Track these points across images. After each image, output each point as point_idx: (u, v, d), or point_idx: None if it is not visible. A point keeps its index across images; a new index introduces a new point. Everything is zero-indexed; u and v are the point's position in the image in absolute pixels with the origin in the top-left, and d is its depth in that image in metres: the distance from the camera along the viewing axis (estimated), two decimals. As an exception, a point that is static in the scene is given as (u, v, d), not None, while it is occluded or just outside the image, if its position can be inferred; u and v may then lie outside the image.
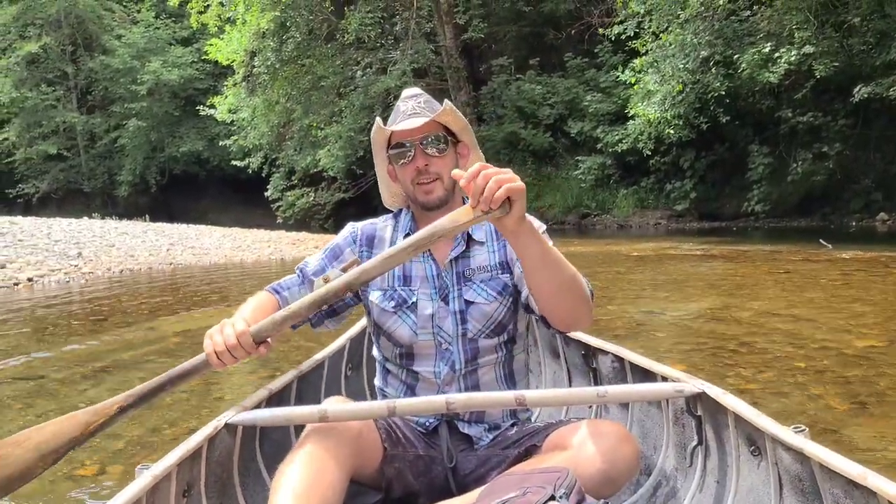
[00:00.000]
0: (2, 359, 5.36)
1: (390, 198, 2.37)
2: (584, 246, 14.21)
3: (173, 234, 17.51)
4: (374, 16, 22.36)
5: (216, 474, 1.98)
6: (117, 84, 35.29)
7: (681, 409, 2.16)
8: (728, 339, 5.20)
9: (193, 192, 35.54)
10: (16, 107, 35.22)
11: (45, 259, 11.59)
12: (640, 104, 16.62)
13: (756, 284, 8.01)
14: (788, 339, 5.12)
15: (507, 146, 23.32)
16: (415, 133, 2.11)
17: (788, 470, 1.68)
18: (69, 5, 35.07)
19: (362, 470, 1.96)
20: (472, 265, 2.18)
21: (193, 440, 1.86)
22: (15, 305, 8.51)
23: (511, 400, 1.92)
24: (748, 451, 1.85)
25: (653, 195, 20.81)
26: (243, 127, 26.06)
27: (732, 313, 6.27)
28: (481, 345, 2.15)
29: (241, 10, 22.03)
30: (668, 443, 2.24)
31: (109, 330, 6.70)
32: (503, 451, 2.08)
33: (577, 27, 22.93)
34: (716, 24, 15.07)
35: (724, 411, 1.94)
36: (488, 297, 2.14)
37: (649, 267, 10.28)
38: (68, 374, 4.86)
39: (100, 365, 5.12)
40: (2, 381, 4.70)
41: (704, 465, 2.06)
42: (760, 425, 1.75)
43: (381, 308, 2.18)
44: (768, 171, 17.80)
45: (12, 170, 37.21)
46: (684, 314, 6.35)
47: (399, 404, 1.90)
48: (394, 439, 2.07)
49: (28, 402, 4.22)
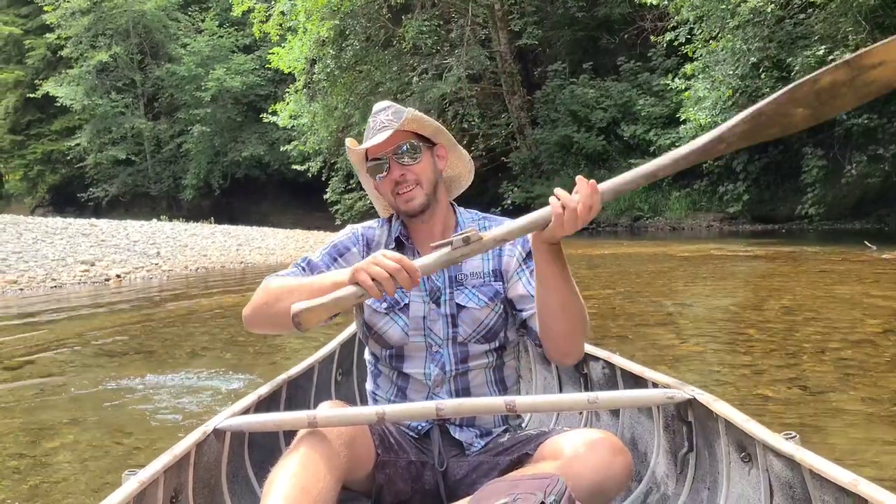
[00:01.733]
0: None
1: (383, 210, 2.37)
2: (634, 247, 14.57)
3: (239, 235, 18.29)
4: (431, 23, 22.70)
5: (204, 480, 1.97)
6: (182, 91, 36.18)
7: (672, 416, 2.16)
8: (744, 327, 5.79)
9: (254, 195, 36.26)
10: (87, 114, 36.58)
11: (128, 258, 12.38)
12: (692, 109, 16.73)
13: (786, 282, 8.36)
14: (797, 326, 5.64)
15: (561, 149, 23.53)
16: (386, 146, 2.11)
17: (779, 476, 1.67)
18: (137, 16, 36.18)
19: (354, 476, 1.95)
20: (464, 270, 2.18)
21: (181, 446, 1.86)
22: (116, 297, 9.39)
23: (501, 405, 1.90)
24: (739, 458, 1.85)
25: (706, 198, 20.75)
26: (303, 132, 26.54)
27: (754, 307, 6.78)
28: (471, 349, 2.16)
29: (301, 20, 22.50)
30: (659, 449, 2.24)
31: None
32: (495, 457, 2.07)
33: (631, 31, 23.08)
34: (765, 30, 15.13)
35: (714, 418, 1.94)
36: (479, 303, 2.16)
37: (692, 266, 10.63)
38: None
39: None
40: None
41: (695, 472, 2.06)
42: (751, 432, 1.76)
43: (372, 308, 2.18)
44: (822, 173, 17.58)
45: (83, 174, 38.69)
46: (711, 307, 6.91)
47: (389, 410, 1.88)
48: (387, 445, 2.07)
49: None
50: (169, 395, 4.35)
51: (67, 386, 4.75)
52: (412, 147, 2.13)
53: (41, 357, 5.74)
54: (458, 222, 2.23)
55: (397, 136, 2.10)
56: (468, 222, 2.24)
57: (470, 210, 2.30)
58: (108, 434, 3.70)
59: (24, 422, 3.98)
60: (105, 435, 3.69)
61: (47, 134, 40.85)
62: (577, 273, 7.66)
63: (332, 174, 27.52)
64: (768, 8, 13.97)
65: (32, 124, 41.62)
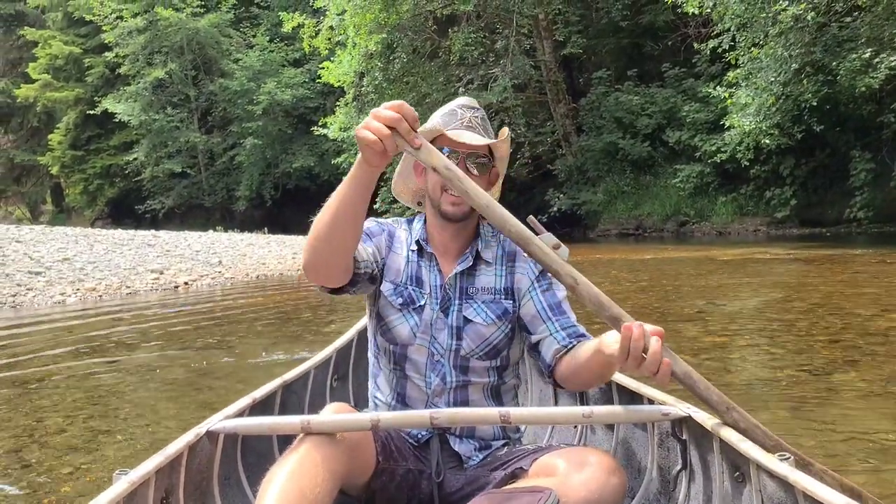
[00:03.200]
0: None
1: (403, 190, 2.34)
2: (678, 252, 14.80)
3: (294, 244, 18.87)
4: (478, 35, 23.01)
5: (195, 482, 1.96)
6: (235, 105, 36.76)
7: (666, 433, 2.15)
8: (766, 321, 6.34)
9: (305, 205, 36.10)
10: (144, 129, 37.40)
11: (192, 266, 13.00)
12: (736, 115, 16.79)
13: (819, 283, 8.71)
14: (817, 319, 6.19)
15: (606, 156, 23.64)
16: (468, 147, 2.10)
17: (772, 497, 1.67)
18: (191, 33, 36.95)
19: (353, 481, 1.95)
20: (476, 284, 2.19)
21: (173, 447, 1.85)
22: (190, 300, 10.16)
23: (496, 416, 1.91)
24: (732, 477, 1.84)
25: (752, 202, 20.63)
26: (353, 144, 26.87)
27: (781, 303, 7.31)
28: (472, 365, 2.16)
29: (350, 34, 22.93)
30: (653, 466, 2.23)
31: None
32: (491, 472, 2.06)
33: (675, 38, 23.16)
34: (807, 36, 15.17)
35: (709, 436, 1.92)
36: (486, 319, 2.15)
37: (731, 269, 10.89)
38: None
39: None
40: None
41: (688, 490, 2.05)
42: (745, 451, 1.74)
43: (388, 301, 2.19)
44: (871, 176, 17.50)
45: (140, 187, 39.64)
46: (740, 305, 7.33)
47: (383, 417, 1.88)
48: (388, 452, 2.06)
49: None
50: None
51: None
52: (486, 163, 2.14)
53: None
54: (479, 234, 2.23)
55: (483, 146, 2.11)
56: (487, 236, 2.24)
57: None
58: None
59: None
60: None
61: (106, 149, 42.01)
62: (617, 276, 8.16)
63: (381, 184, 27.97)
64: (808, 16, 14.04)
65: (92, 140, 42.85)
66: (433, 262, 2.20)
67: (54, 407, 4.47)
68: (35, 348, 6.53)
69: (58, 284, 10.42)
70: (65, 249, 13.52)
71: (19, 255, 12.21)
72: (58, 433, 3.86)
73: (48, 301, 9.71)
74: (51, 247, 13.72)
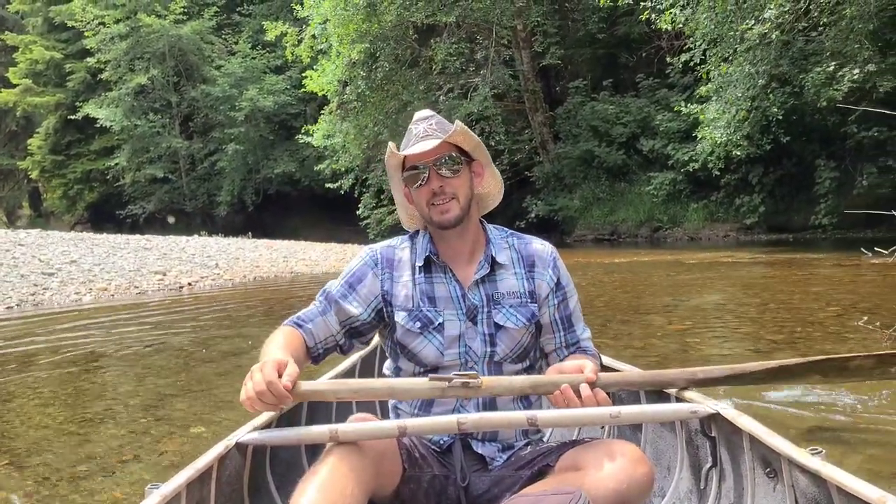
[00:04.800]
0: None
1: (408, 220, 2.34)
2: (651, 256, 15.58)
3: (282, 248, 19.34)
4: (459, 46, 23.41)
5: (226, 494, 1.96)
6: (216, 111, 36.89)
7: (695, 431, 2.13)
8: (717, 314, 7.24)
9: (285, 211, 36.83)
10: (126, 134, 37.40)
11: (192, 268, 13.48)
12: (707, 128, 17.34)
13: (774, 283, 9.65)
14: (767, 312, 7.13)
15: (582, 164, 24.18)
16: (428, 155, 2.09)
17: (805, 493, 1.65)
18: (174, 40, 37.04)
19: (380, 490, 1.92)
20: (500, 289, 2.18)
21: (203, 460, 1.87)
22: (200, 298, 10.94)
23: (523, 420, 1.90)
24: (763, 474, 1.83)
25: (723, 209, 21.28)
26: (336, 150, 27.11)
27: (737, 298, 8.37)
28: (505, 369, 2.16)
29: (334, 43, 23.17)
30: (682, 464, 2.21)
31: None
32: (517, 471, 2.05)
33: (648, 50, 23.76)
34: (772, 53, 15.81)
35: (738, 433, 1.92)
36: (518, 323, 2.16)
37: (698, 271, 11.70)
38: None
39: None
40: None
41: (719, 488, 2.03)
42: (776, 447, 1.74)
43: (405, 329, 2.15)
44: (835, 184, 18.19)
45: (121, 192, 39.62)
46: (701, 301, 8.31)
47: (410, 424, 1.87)
48: (413, 459, 2.04)
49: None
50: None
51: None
52: (453, 160, 2.13)
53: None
54: (490, 239, 2.24)
55: (441, 146, 2.10)
56: (497, 239, 2.26)
57: (498, 227, 2.32)
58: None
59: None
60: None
61: (86, 154, 41.93)
62: (595, 277, 9.01)
63: (364, 190, 28.28)
64: (773, 34, 14.70)
65: (72, 144, 42.70)
66: (448, 273, 2.19)
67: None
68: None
69: (70, 284, 10.90)
70: (68, 252, 13.96)
71: (27, 258, 12.67)
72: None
73: (65, 300, 10.30)
74: (54, 250, 14.17)
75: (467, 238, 2.20)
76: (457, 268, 2.19)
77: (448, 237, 2.18)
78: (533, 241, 2.29)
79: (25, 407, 4.61)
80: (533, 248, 2.27)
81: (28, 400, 4.83)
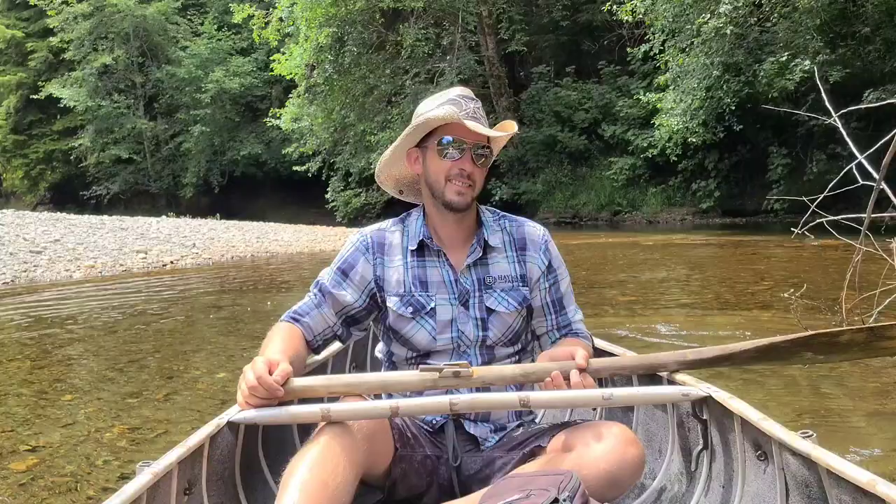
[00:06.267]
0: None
1: (388, 177, 2.30)
2: (611, 238, 16.32)
3: (253, 229, 19.63)
4: (427, 32, 23.68)
5: (218, 472, 1.97)
6: (182, 92, 36.81)
7: (686, 413, 2.14)
8: (664, 288, 8.09)
9: (251, 193, 36.84)
10: (90, 115, 37.17)
11: (171, 248, 13.81)
12: (664, 116, 17.97)
13: (719, 261, 10.59)
14: (708, 285, 8.07)
15: (546, 148, 24.65)
16: (476, 137, 2.08)
17: (795, 475, 1.66)
18: (139, 20, 36.84)
19: (371, 470, 1.93)
20: (492, 273, 2.18)
21: (195, 438, 1.86)
22: (188, 274, 11.52)
23: (515, 401, 1.90)
24: (754, 456, 1.84)
25: (680, 193, 21.95)
26: (303, 133, 27.30)
27: (684, 275, 9.28)
28: (497, 353, 2.17)
29: (302, 28, 23.35)
30: (674, 447, 2.22)
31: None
32: (508, 452, 2.06)
33: (610, 38, 24.27)
34: (727, 45, 16.43)
35: (730, 415, 1.93)
36: (509, 307, 2.16)
37: (652, 251, 12.49)
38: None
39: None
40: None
41: (710, 470, 2.04)
42: (767, 430, 1.74)
43: (398, 314, 2.15)
44: (787, 170, 18.87)
45: (84, 173, 39.34)
46: (651, 277, 9.16)
47: (403, 404, 1.88)
48: (404, 439, 2.05)
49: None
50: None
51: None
52: (488, 153, 2.15)
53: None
54: (483, 222, 2.23)
55: (484, 136, 2.10)
56: (490, 222, 2.25)
57: (491, 209, 2.31)
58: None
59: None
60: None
61: (49, 134, 41.58)
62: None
63: (332, 174, 28.47)
64: (727, 29, 15.30)
65: (34, 124, 42.20)
66: (441, 257, 2.18)
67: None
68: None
69: (59, 262, 11.22)
70: (49, 232, 14.18)
71: (11, 237, 12.91)
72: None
73: (56, 276, 10.70)
74: (35, 229, 14.37)
75: (465, 223, 2.20)
76: (450, 251, 2.18)
77: (447, 219, 2.18)
78: (525, 224, 2.29)
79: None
80: (525, 230, 2.27)
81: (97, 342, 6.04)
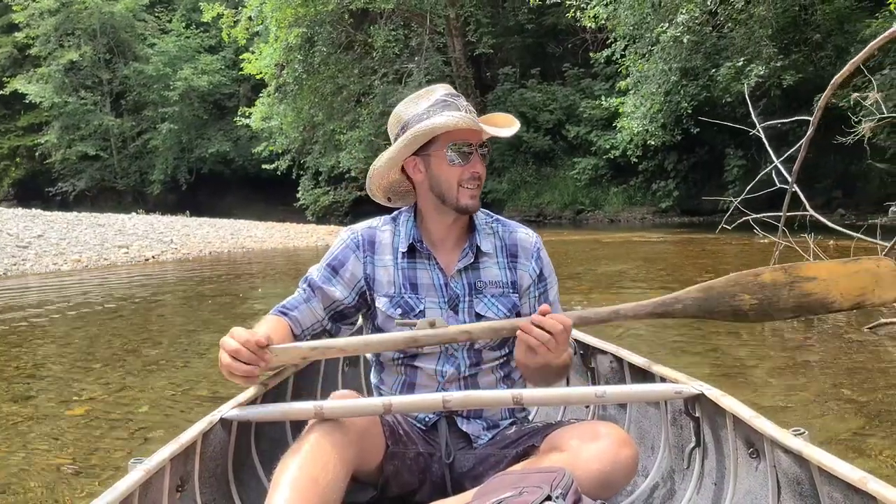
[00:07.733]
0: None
1: (380, 185, 2.23)
2: (574, 236, 17.04)
3: (226, 226, 19.97)
4: (397, 32, 24.00)
5: (210, 469, 1.96)
6: (150, 90, 36.71)
7: (679, 411, 2.13)
8: (617, 279, 8.97)
9: (219, 190, 36.76)
10: (56, 111, 36.94)
11: (150, 243, 14.14)
12: (626, 119, 18.59)
13: (671, 257, 11.38)
14: (657, 277, 9.01)
15: (511, 148, 25.04)
16: (479, 136, 2.04)
17: (787, 473, 1.66)
18: (106, 17, 36.69)
19: (363, 467, 1.92)
20: (483, 278, 2.13)
21: (187, 435, 1.84)
22: (171, 267, 12.05)
23: (508, 398, 1.90)
24: (746, 454, 1.84)
25: (640, 193, 22.58)
26: (272, 132, 27.39)
27: (637, 268, 10.17)
28: (485, 356, 2.13)
29: (272, 28, 23.52)
30: (666, 444, 2.22)
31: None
32: (501, 450, 2.05)
33: (575, 41, 24.79)
34: (684, 52, 17.13)
35: (722, 413, 1.92)
36: (498, 314, 2.11)
37: (611, 248, 13.21)
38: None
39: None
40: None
41: (702, 467, 2.04)
42: (759, 427, 1.74)
43: (386, 315, 2.11)
44: (742, 171, 19.33)
45: (50, 170, 38.97)
46: (606, 269, 9.97)
47: (396, 401, 1.87)
48: (396, 437, 2.03)
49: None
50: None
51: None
52: (488, 151, 2.11)
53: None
54: (475, 226, 2.18)
55: (483, 133, 2.04)
56: (482, 226, 2.21)
57: (485, 211, 2.25)
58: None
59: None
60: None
61: (13, 130, 41.17)
62: None
63: (302, 173, 28.65)
64: (685, 38, 15.99)
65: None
66: (432, 260, 2.14)
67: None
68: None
69: (46, 256, 11.57)
70: (30, 228, 14.45)
71: (-4, 233, 13.24)
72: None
73: (44, 270, 11.06)
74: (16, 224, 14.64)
75: (460, 223, 2.17)
76: (440, 255, 2.14)
77: (446, 221, 2.13)
78: (518, 230, 2.26)
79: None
80: (517, 237, 2.23)
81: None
